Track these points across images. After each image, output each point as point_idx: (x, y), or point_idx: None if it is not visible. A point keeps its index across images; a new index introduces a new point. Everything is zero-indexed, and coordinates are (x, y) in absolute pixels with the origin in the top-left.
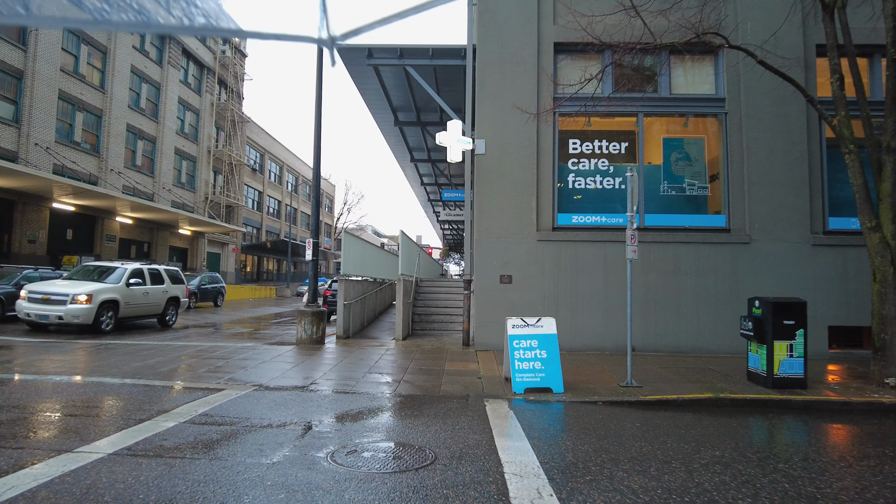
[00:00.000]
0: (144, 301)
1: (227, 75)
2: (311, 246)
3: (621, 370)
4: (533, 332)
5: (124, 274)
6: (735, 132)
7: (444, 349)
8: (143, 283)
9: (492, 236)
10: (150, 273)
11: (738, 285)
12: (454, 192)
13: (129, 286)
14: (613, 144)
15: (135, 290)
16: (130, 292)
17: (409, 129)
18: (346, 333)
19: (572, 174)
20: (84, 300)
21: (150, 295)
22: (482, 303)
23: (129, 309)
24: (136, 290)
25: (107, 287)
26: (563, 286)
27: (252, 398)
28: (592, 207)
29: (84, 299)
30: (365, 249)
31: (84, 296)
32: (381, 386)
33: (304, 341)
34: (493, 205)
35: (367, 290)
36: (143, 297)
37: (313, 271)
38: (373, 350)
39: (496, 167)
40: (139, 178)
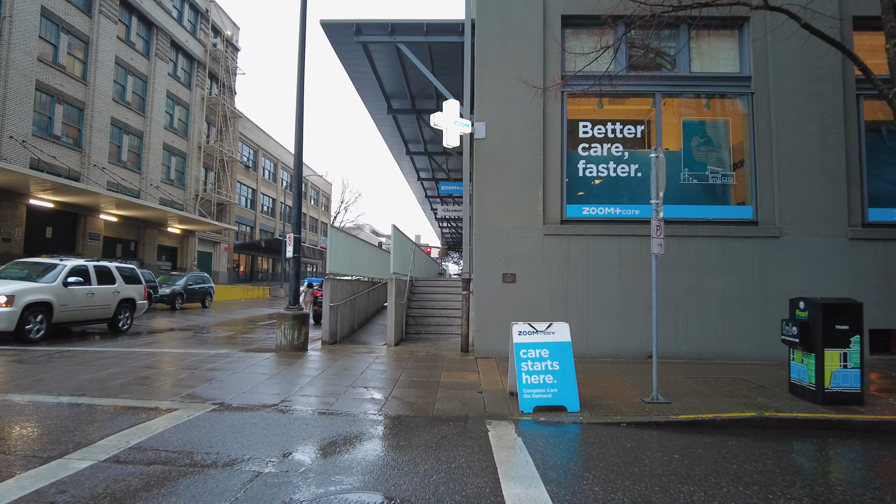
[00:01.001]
0: (88, 304)
1: (219, 69)
2: (291, 241)
3: (642, 381)
4: (543, 339)
5: (62, 272)
6: (763, 114)
7: (440, 356)
8: (87, 282)
9: (493, 230)
10: (96, 271)
11: (766, 284)
12: (452, 185)
13: (66, 286)
14: (628, 128)
15: (75, 290)
16: (69, 293)
17: (403, 119)
18: (333, 338)
19: (583, 161)
20: (3, 302)
21: (97, 296)
22: (483, 304)
23: (67, 313)
24: (76, 290)
25: (36, 287)
26: (573, 286)
27: (206, 422)
28: (605, 198)
29: (2, 301)
30: (355, 246)
31: (3, 297)
32: (365, 403)
33: (285, 348)
34: (494, 195)
35: (358, 291)
36: (86, 298)
37: (294, 270)
38: (360, 358)
39: (498, 153)
40: (125, 174)
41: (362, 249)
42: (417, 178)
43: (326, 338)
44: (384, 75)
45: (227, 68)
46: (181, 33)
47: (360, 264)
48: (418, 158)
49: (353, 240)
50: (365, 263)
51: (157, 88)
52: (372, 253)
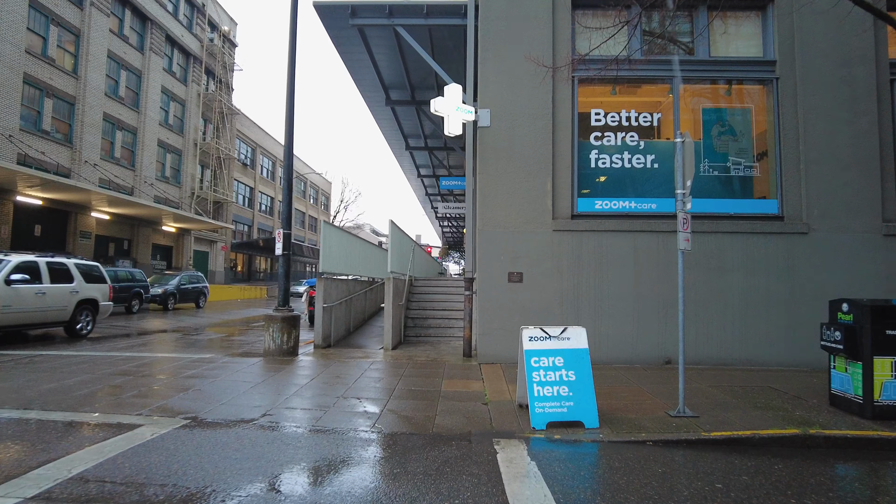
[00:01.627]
0: (39, 305)
1: (216, 65)
2: (281, 238)
3: (663, 391)
4: (557, 346)
5: (4, 269)
6: (788, 100)
7: (440, 361)
8: (38, 280)
9: (498, 226)
10: (50, 268)
11: (793, 284)
12: (453, 181)
13: (9, 284)
14: (644, 116)
15: (21, 289)
16: (13, 293)
17: (402, 112)
18: (327, 342)
19: (595, 151)
20: None
21: (49, 296)
22: (487, 306)
23: (12, 315)
24: (22, 289)
25: None
26: (585, 286)
27: (172, 442)
28: (619, 191)
29: None
30: (351, 243)
31: None
32: (356, 418)
33: (273, 352)
34: (499, 189)
35: (355, 291)
36: (35, 299)
37: (284, 269)
38: (355, 363)
39: (503, 143)
40: (118, 171)
41: (359, 247)
42: (417, 175)
43: (319, 341)
44: (382, 63)
45: (224, 64)
46: (176, 28)
47: (357, 263)
48: (418, 154)
49: (348, 237)
50: (362, 262)
51: (151, 84)
52: (369, 251)
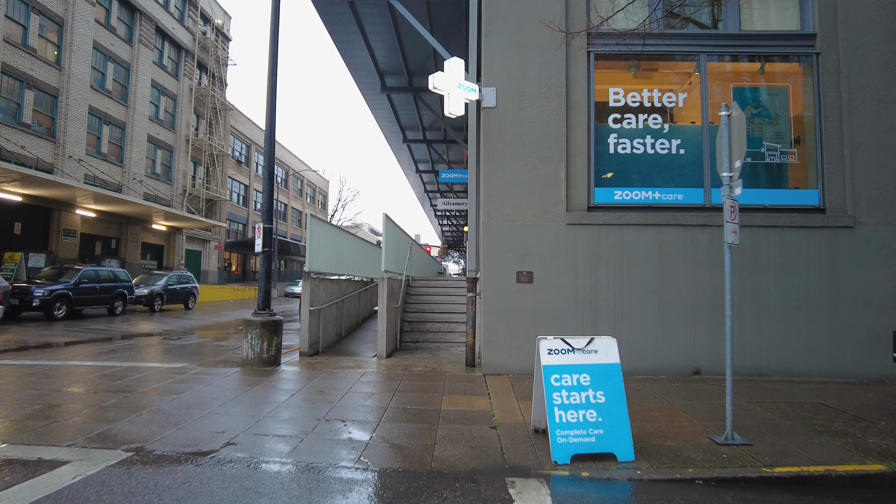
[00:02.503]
0: None
1: (208, 59)
2: (260, 233)
3: (699, 408)
4: (583, 360)
5: None
6: (830, 79)
7: (440, 372)
8: None
9: (505, 219)
10: None
11: (837, 284)
12: (454, 173)
13: None
14: (668, 96)
15: None
16: None
17: (399, 100)
18: (314, 349)
19: (613, 135)
20: None
21: None
22: (493, 309)
23: None
24: None
25: None
26: (604, 286)
27: (95, 488)
28: (641, 179)
29: None
30: (342, 240)
31: None
32: (338, 448)
33: (252, 362)
34: (506, 177)
35: (347, 292)
36: None
37: (265, 268)
38: (344, 374)
39: (511, 126)
40: (105, 166)
41: (351, 244)
42: (416, 171)
43: (305, 348)
44: (377, 45)
45: (218, 58)
46: (167, 19)
47: (349, 261)
48: (416, 148)
49: (339, 233)
50: (355, 260)
51: (140, 77)
52: (363, 249)
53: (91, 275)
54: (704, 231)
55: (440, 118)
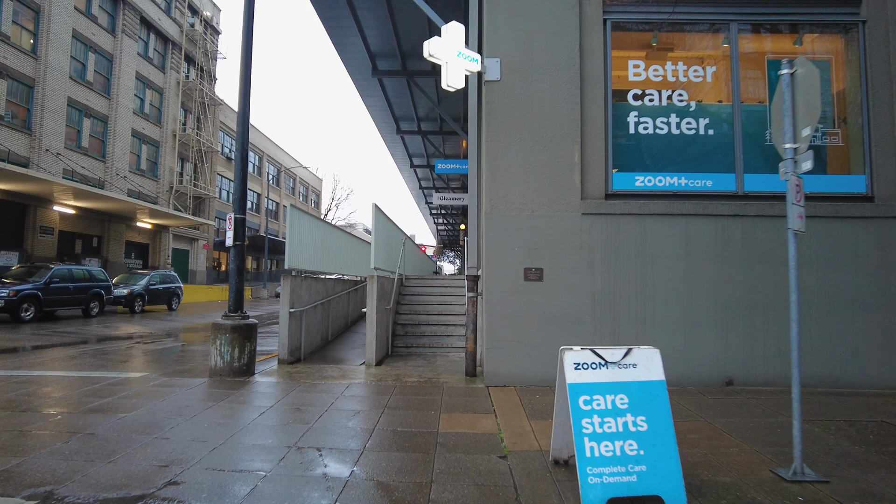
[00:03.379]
0: None
1: (196, 52)
2: (231, 224)
3: (743, 428)
4: (618, 377)
5: None
6: (878, 50)
7: (437, 384)
8: None
9: (511, 208)
10: None
11: (889, 281)
12: (450, 164)
13: None
14: (694, 69)
15: None
16: None
17: (393, 86)
18: (295, 355)
19: (634, 113)
20: None
21: None
22: (497, 311)
23: None
24: None
25: None
26: (624, 285)
27: None
28: (666, 163)
29: None
30: (327, 234)
31: None
32: (308, 489)
33: (221, 372)
34: (512, 160)
35: (334, 292)
36: None
37: (237, 264)
38: (325, 387)
39: (517, 102)
40: (86, 161)
41: (339, 240)
42: (410, 165)
43: (284, 355)
44: (367, 23)
45: (206, 51)
46: (153, 10)
47: (337, 258)
48: (411, 141)
49: (324, 227)
50: (343, 258)
51: (124, 69)
52: (353, 245)
53: (63, 274)
54: (737, 222)
55: (436, 104)
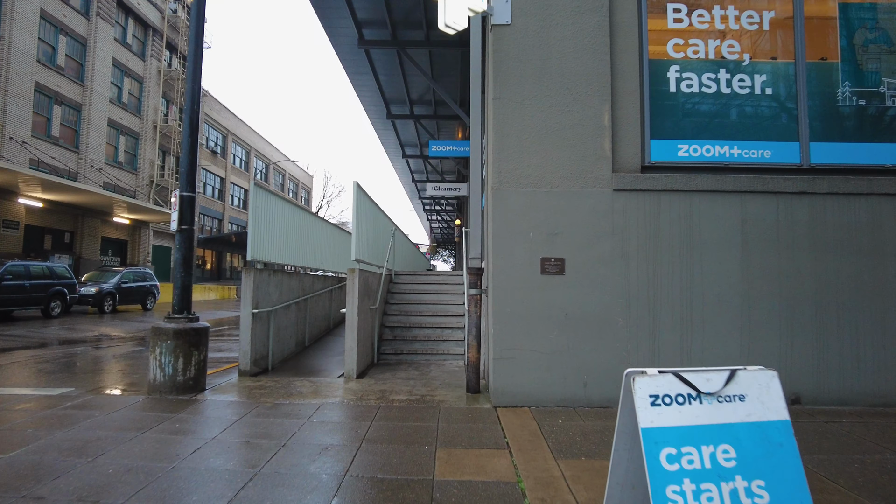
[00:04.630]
0: None
1: (179, 40)
2: (177, 204)
3: (845, 472)
4: (716, 417)
5: None
6: None
7: (432, 404)
8: None
9: (525, 183)
10: None
11: None
12: (446, 146)
13: None
14: (748, 15)
15: None
16: None
17: (382, 62)
18: (261, 365)
19: (675, 68)
20: None
21: None
22: (507, 312)
23: None
24: None
25: None
26: (665, 279)
27: None
28: (714, 130)
29: None
30: (304, 222)
31: None
32: None
33: (162, 388)
34: (526, 122)
35: (313, 289)
36: None
37: (181, 253)
38: (291, 409)
39: (533, 51)
40: (56, 151)
41: (318, 230)
42: (402, 155)
43: (247, 365)
44: None
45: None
46: None
47: (316, 251)
48: (403, 127)
49: (299, 213)
50: (324, 250)
51: (99, 54)
52: (336, 237)
53: (19, 270)
54: (802, 202)
55: (430, 78)
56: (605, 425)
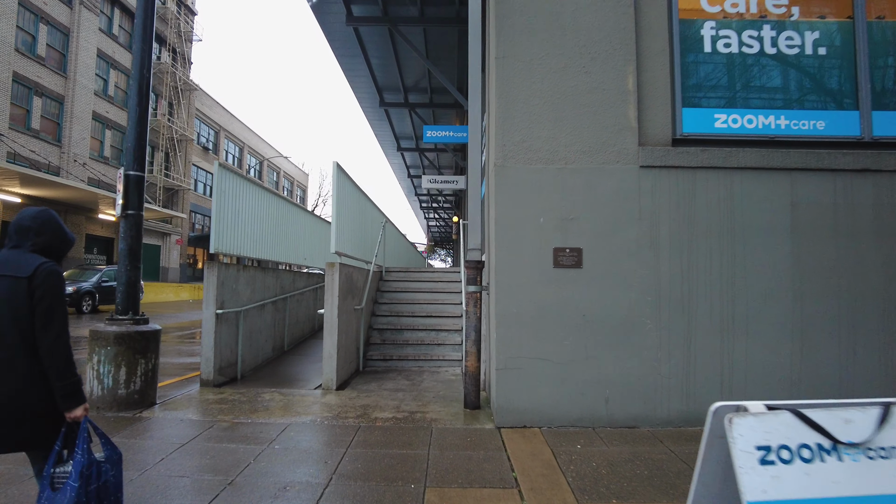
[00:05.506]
0: None
1: (168, 32)
2: (122, 183)
3: None
4: (864, 484)
5: None
6: None
7: (423, 423)
8: None
9: (534, 158)
10: None
11: None
12: (442, 131)
13: None
14: None
15: None
16: None
17: (373, 42)
18: (227, 374)
19: (711, 24)
20: None
21: None
22: (513, 312)
23: None
24: None
25: None
26: (702, 273)
27: None
28: (758, 96)
29: None
30: (282, 212)
31: None
32: None
33: (101, 402)
34: (535, 85)
35: (293, 287)
36: None
37: (126, 244)
38: (251, 431)
39: (542, 2)
40: (37, 145)
41: (299, 221)
42: (397, 148)
43: (209, 374)
44: None
45: (180, 32)
46: None
47: (297, 245)
48: (397, 117)
49: (276, 201)
50: (307, 244)
51: (83, 45)
52: (320, 230)
53: None
54: (866, 180)
55: (424, 57)
56: (634, 452)
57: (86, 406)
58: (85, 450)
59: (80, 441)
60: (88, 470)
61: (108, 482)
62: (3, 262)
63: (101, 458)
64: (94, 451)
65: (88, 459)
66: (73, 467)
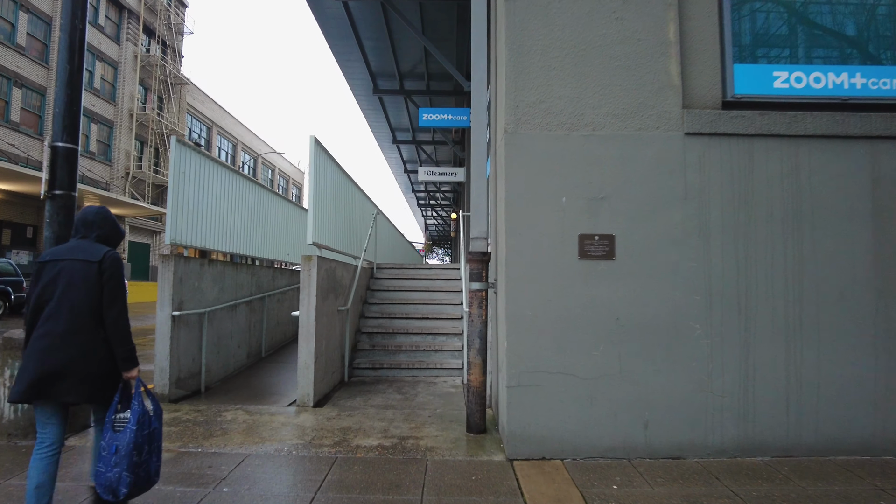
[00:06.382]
0: None
1: (158, 24)
2: (48, 158)
3: None
4: None
5: None
6: None
7: (415, 453)
8: None
9: (552, 123)
10: None
11: None
12: (440, 114)
13: None
14: None
15: None
16: None
17: (365, 18)
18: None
19: None
20: None
21: None
22: (528, 315)
23: None
24: None
25: None
26: (763, 267)
27: None
28: (828, 51)
29: None
30: (256, 199)
31: None
32: None
33: (11, 429)
34: (554, 34)
35: (272, 286)
36: None
37: (52, 230)
38: (197, 465)
39: None
40: (16, 138)
41: (276, 210)
42: (393, 141)
43: (164, 387)
44: None
45: (170, 24)
46: None
47: (276, 237)
48: (392, 107)
49: (247, 186)
50: (289, 237)
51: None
52: (302, 219)
53: None
54: None
55: (420, 33)
56: (687, 496)
57: (139, 368)
58: (140, 402)
59: (136, 395)
60: (143, 418)
61: (156, 430)
62: (77, 249)
63: (150, 410)
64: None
65: (143, 409)
66: (132, 415)
